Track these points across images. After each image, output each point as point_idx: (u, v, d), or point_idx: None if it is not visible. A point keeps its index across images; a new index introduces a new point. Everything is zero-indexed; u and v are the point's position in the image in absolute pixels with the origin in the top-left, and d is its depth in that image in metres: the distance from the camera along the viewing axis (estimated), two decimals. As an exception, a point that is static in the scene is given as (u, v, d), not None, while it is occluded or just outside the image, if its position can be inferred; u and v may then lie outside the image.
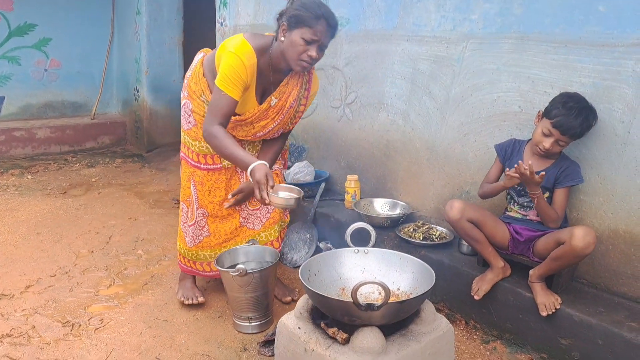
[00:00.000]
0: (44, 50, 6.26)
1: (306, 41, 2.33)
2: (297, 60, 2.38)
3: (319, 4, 2.34)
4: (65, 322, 2.71)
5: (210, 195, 2.75)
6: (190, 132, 2.71)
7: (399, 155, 3.50)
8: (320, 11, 2.32)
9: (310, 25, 2.30)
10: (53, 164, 5.73)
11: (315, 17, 2.30)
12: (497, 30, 2.85)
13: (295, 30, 2.33)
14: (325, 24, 2.34)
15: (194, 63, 2.73)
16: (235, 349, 2.55)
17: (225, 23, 4.82)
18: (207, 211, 2.79)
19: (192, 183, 2.77)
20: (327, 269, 2.16)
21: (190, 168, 2.76)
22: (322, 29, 2.33)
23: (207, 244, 2.84)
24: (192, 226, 2.82)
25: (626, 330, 2.18)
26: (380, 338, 1.75)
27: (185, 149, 2.78)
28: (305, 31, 2.31)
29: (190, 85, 2.67)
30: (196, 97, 2.63)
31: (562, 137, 2.36)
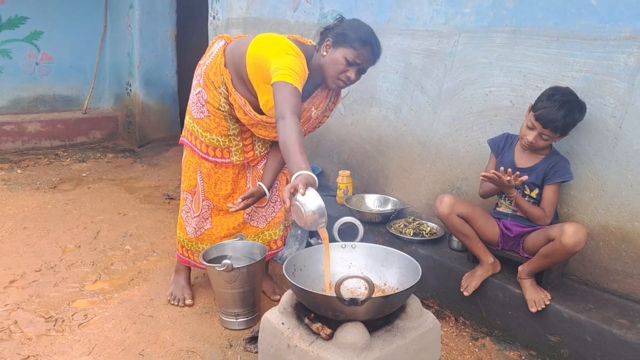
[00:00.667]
0: (35, 43, 6.18)
1: (348, 62, 2.30)
2: (335, 79, 2.35)
3: (368, 31, 2.34)
4: (49, 318, 2.67)
5: (217, 188, 2.71)
6: (202, 123, 2.59)
7: (391, 150, 3.47)
8: (369, 38, 2.31)
9: (356, 48, 2.28)
10: (43, 159, 5.67)
11: (362, 42, 2.29)
12: (489, 24, 2.82)
13: (340, 48, 2.30)
14: (370, 51, 2.33)
15: (215, 51, 2.56)
16: (221, 345, 2.51)
17: (218, 16, 4.77)
18: (213, 204, 2.74)
19: (199, 174, 2.70)
20: (314, 264, 2.11)
21: (197, 158, 2.68)
22: (366, 54, 2.32)
23: (208, 236, 2.80)
24: (196, 217, 2.77)
25: (615, 327, 2.16)
26: (364, 333, 1.71)
27: (192, 137, 2.66)
28: (350, 52, 2.29)
29: (208, 75, 2.52)
30: (213, 87, 2.51)
31: (544, 130, 2.32)
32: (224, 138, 2.59)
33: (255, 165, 2.75)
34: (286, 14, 4.09)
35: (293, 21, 4.03)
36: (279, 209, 2.81)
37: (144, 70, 6.10)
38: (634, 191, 2.33)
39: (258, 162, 2.75)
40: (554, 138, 2.36)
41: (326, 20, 3.74)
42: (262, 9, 4.31)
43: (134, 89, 6.18)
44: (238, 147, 2.64)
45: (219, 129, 2.57)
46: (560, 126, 2.30)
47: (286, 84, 2.14)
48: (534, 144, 2.38)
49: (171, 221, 4.00)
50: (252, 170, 2.75)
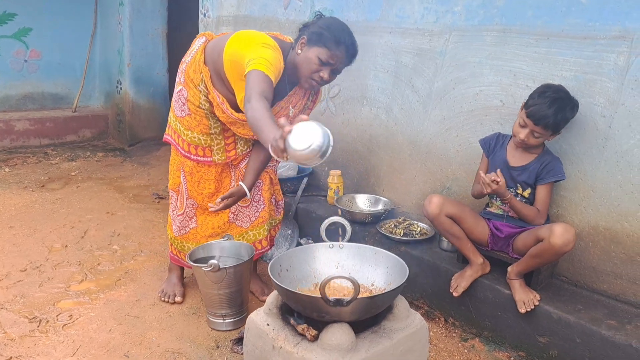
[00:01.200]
0: (23, 40, 6.12)
1: (321, 61, 2.26)
2: (308, 78, 2.32)
3: (344, 30, 2.30)
4: (33, 318, 2.64)
5: (200, 186, 2.68)
6: (184, 121, 2.57)
7: (382, 150, 3.44)
8: (344, 38, 2.27)
9: (330, 48, 2.25)
10: (32, 157, 5.61)
11: (336, 42, 2.25)
12: (480, 22, 2.80)
13: (314, 47, 2.26)
14: (345, 51, 2.29)
15: (195, 48, 2.55)
16: (208, 347, 2.48)
17: (209, 14, 4.74)
18: (197, 202, 2.72)
19: (182, 172, 2.69)
20: (300, 264, 2.09)
21: (180, 157, 2.67)
22: (340, 55, 2.28)
23: (193, 235, 2.77)
24: (180, 216, 2.75)
25: (604, 328, 2.14)
26: (349, 335, 1.69)
27: (175, 136, 2.65)
28: (323, 52, 2.25)
29: (188, 72, 2.51)
30: (193, 85, 2.49)
31: (535, 127, 2.30)
32: (206, 136, 2.56)
33: (237, 164, 2.72)
34: (277, 11, 4.06)
35: (284, 19, 4.00)
36: (262, 209, 2.79)
37: (135, 68, 6.05)
38: (623, 192, 2.32)
39: (241, 161, 2.72)
40: (545, 136, 2.34)
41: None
42: (253, 6, 4.28)
43: (124, 87, 6.14)
44: (220, 145, 2.61)
45: (200, 127, 2.55)
46: (552, 123, 2.27)
47: (258, 71, 2.10)
48: (526, 142, 2.36)
49: (160, 221, 3.97)
50: (236, 169, 2.73)
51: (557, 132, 2.35)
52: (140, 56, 6.05)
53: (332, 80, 2.38)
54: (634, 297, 2.34)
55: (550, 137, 2.37)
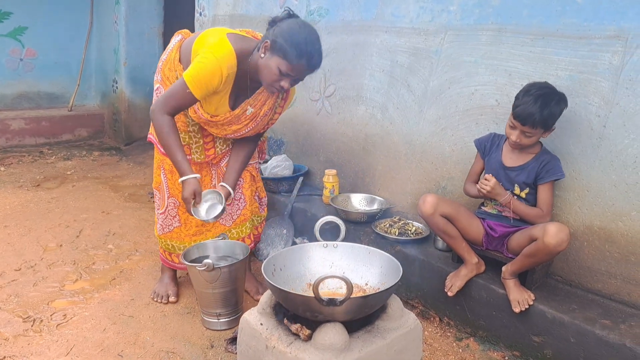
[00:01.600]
0: (19, 39, 6.10)
1: (281, 72, 2.23)
2: (269, 85, 2.30)
3: (306, 42, 2.21)
4: (27, 318, 2.62)
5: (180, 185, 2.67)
6: None
7: (377, 149, 3.44)
8: (305, 50, 2.20)
9: (290, 61, 2.19)
10: (27, 156, 5.60)
11: (297, 56, 2.19)
12: (475, 22, 2.80)
13: (275, 57, 2.21)
14: (306, 64, 2.23)
15: (170, 46, 2.58)
16: (202, 346, 2.48)
17: (205, 13, 4.73)
18: (178, 201, 2.72)
19: (162, 171, 2.70)
20: (294, 263, 2.09)
21: (160, 155, 2.69)
22: (300, 67, 2.23)
23: (177, 234, 2.78)
24: (163, 214, 2.77)
25: (598, 327, 2.14)
26: (343, 334, 1.68)
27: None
28: (284, 64, 2.21)
29: (164, 70, 2.54)
30: (169, 83, 2.50)
31: (524, 127, 2.29)
32: (184, 134, 2.59)
33: (218, 162, 2.74)
34: (273, 10, 4.05)
35: (279, 18, 3.99)
36: (244, 207, 2.79)
37: (131, 68, 6.04)
38: (617, 191, 2.32)
39: (221, 160, 2.73)
40: (537, 134, 2.32)
41: (312, 17, 3.71)
42: (249, 5, 4.27)
43: (120, 87, 6.13)
44: (198, 144, 2.63)
45: (178, 124, 2.54)
46: (539, 120, 2.25)
47: (183, 83, 2.25)
48: (519, 143, 2.35)
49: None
50: (217, 168, 2.74)
51: (548, 129, 2.33)
52: (136, 55, 6.04)
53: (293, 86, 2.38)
54: (628, 297, 2.34)
55: (544, 134, 2.35)
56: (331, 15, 3.61)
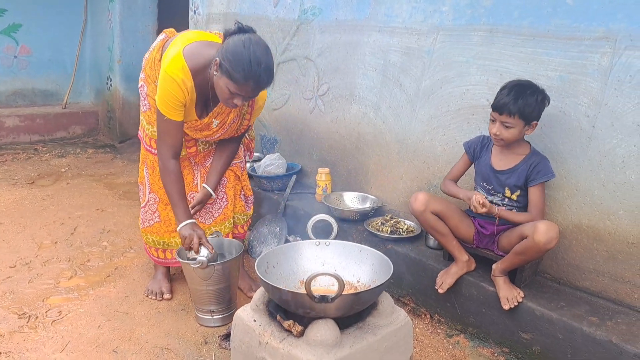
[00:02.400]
0: (13, 36, 6.10)
1: (230, 92, 2.24)
2: (224, 100, 2.33)
3: (251, 62, 2.17)
4: (22, 314, 2.64)
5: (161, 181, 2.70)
6: (145, 115, 2.65)
7: (370, 148, 3.47)
8: (250, 72, 2.17)
9: (237, 82, 2.19)
10: (22, 154, 5.60)
11: (243, 78, 2.18)
12: (467, 22, 2.83)
13: (224, 77, 2.21)
14: (253, 85, 2.22)
15: (154, 45, 2.61)
16: (196, 342, 2.50)
17: (199, 11, 4.74)
18: (158, 197, 2.76)
19: (145, 166, 2.75)
20: (287, 261, 2.12)
21: (144, 150, 2.75)
22: (248, 89, 2.23)
23: (156, 229, 2.81)
24: (143, 208, 2.81)
25: (586, 324, 2.18)
26: (334, 330, 1.71)
27: (141, 130, 2.74)
28: (231, 84, 2.21)
29: (146, 69, 2.59)
30: (151, 81, 2.55)
31: (501, 116, 2.33)
32: None
33: (202, 162, 2.77)
34: (266, 9, 4.07)
35: (273, 17, 4.02)
36: (225, 206, 2.82)
37: (125, 65, 6.05)
38: (605, 190, 2.36)
39: (205, 159, 2.77)
40: (516, 125, 2.32)
41: (306, 16, 3.73)
42: (243, 4, 4.29)
43: (114, 84, 6.13)
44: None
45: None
46: (514, 108, 2.28)
47: (160, 114, 2.38)
48: (500, 137, 2.36)
49: (150, 217, 3.98)
50: (200, 168, 2.78)
51: (527, 120, 2.32)
52: (130, 53, 6.04)
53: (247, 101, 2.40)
54: (615, 294, 2.38)
55: (527, 130, 2.36)
56: (324, 15, 3.64)
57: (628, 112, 2.27)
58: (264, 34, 3.90)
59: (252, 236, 3.50)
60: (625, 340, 2.08)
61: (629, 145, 2.28)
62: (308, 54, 3.80)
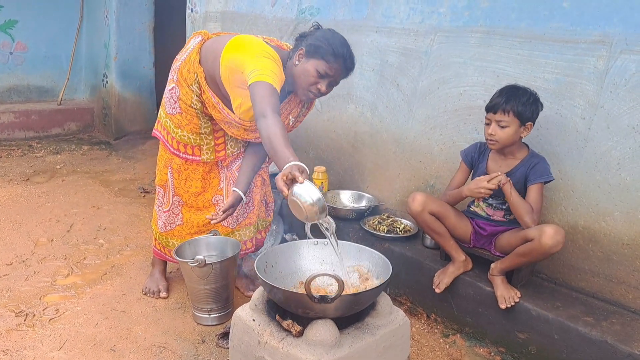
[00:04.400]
0: (9, 32, 6.06)
1: (320, 74, 2.28)
2: (305, 90, 2.34)
3: (342, 43, 2.31)
4: (19, 312, 2.64)
5: (187, 184, 2.69)
6: (174, 119, 2.58)
7: (367, 147, 3.48)
8: (342, 50, 2.28)
9: (328, 61, 2.26)
10: (17, 150, 5.58)
11: (334, 55, 2.26)
12: (464, 24, 2.84)
13: (312, 60, 2.28)
14: (342, 64, 2.31)
15: (190, 47, 2.55)
16: (194, 341, 2.51)
17: (196, 9, 4.74)
18: (183, 200, 2.73)
19: (169, 169, 2.70)
20: (285, 260, 2.13)
21: (168, 154, 2.68)
22: (338, 67, 2.30)
23: (178, 232, 2.78)
24: (166, 212, 2.76)
25: (581, 325, 2.20)
26: (333, 330, 1.73)
27: (165, 133, 2.66)
28: (322, 64, 2.27)
29: (182, 71, 2.51)
30: (186, 85, 2.49)
31: (495, 115, 2.35)
32: (195, 136, 2.58)
33: (228, 165, 2.73)
34: (264, 8, 4.07)
35: (271, 16, 4.02)
36: (251, 210, 2.81)
37: (121, 62, 6.03)
38: (601, 192, 2.38)
39: (231, 162, 2.73)
40: (512, 124, 2.33)
41: (304, 16, 3.74)
42: (241, 3, 4.29)
43: (110, 81, 6.11)
44: (209, 145, 2.63)
45: (190, 126, 2.56)
46: (506, 105, 2.31)
47: (265, 83, 2.14)
48: (495, 136, 2.36)
49: (146, 215, 3.98)
50: (226, 171, 2.74)
51: (522, 120, 2.33)
52: (126, 50, 6.02)
53: (329, 92, 2.39)
54: (610, 295, 2.41)
55: (522, 131, 2.36)
56: (322, 15, 3.64)
57: (623, 115, 2.30)
58: (261, 33, 3.90)
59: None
60: (620, 340, 2.11)
61: (624, 147, 2.31)
62: (305, 53, 3.80)
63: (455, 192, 2.57)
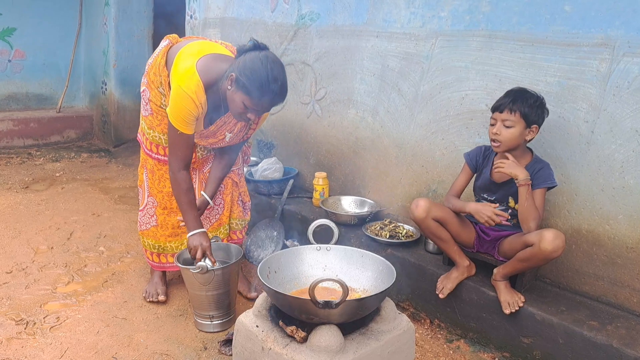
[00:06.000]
0: (7, 40, 6.06)
1: (246, 107, 2.27)
2: (237, 115, 2.35)
3: (268, 79, 2.20)
4: (20, 320, 2.62)
5: (160, 184, 2.73)
6: (147, 120, 2.65)
7: (368, 152, 3.47)
8: (267, 88, 2.21)
9: (252, 98, 2.22)
10: (15, 158, 5.56)
11: (260, 92, 2.21)
12: (466, 28, 2.84)
13: (239, 92, 2.23)
14: (269, 101, 2.27)
15: (158, 51, 2.59)
16: (196, 348, 2.49)
17: (195, 16, 4.74)
18: (157, 200, 2.76)
19: (144, 170, 2.77)
20: (288, 266, 2.12)
21: (144, 154, 2.76)
22: (264, 104, 2.27)
23: (152, 233, 2.82)
24: (141, 212, 2.82)
25: (586, 329, 2.19)
26: (338, 336, 1.71)
27: (141, 134, 2.74)
28: (248, 100, 2.23)
29: (149, 74, 2.56)
30: (154, 87, 2.53)
31: (500, 115, 2.34)
32: (166, 136, 2.60)
33: (201, 168, 2.78)
34: (264, 14, 4.07)
35: (271, 22, 4.02)
36: (222, 212, 2.82)
37: (120, 69, 6.02)
38: (604, 195, 2.37)
39: (203, 165, 2.78)
40: (517, 123, 2.31)
41: (304, 21, 3.74)
42: (240, 9, 4.29)
43: (109, 88, 6.11)
44: None
45: (161, 127, 2.61)
46: (513, 105, 2.30)
47: (172, 128, 2.37)
48: (500, 136, 2.35)
49: (146, 222, 3.96)
50: (199, 173, 2.78)
51: (528, 121, 2.32)
52: (125, 57, 6.02)
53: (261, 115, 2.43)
54: (615, 299, 2.39)
55: (528, 133, 2.35)
56: (322, 20, 3.64)
57: (626, 118, 2.29)
58: (261, 38, 3.88)
59: (250, 241, 3.49)
60: (626, 344, 2.09)
61: (628, 150, 2.30)
62: (305, 58, 3.80)
63: (460, 204, 2.54)
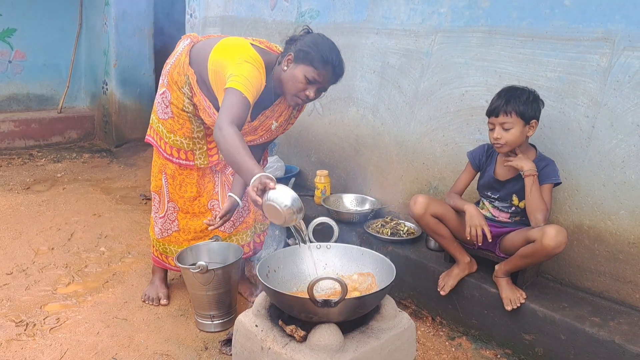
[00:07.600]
0: (8, 41, 6.05)
1: (308, 80, 2.24)
2: (293, 95, 2.30)
3: (331, 49, 2.26)
4: (19, 322, 2.62)
5: (181, 190, 2.67)
6: (166, 123, 2.57)
7: (369, 150, 3.46)
8: (331, 57, 2.24)
9: (316, 67, 2.22)
10: (17, 159, 5.57)
11: (323, 61, 2.22)
12: (465, 24, 2.83)
13: (301, 65, 2.23)
14: (331, 71, 2.27)
15: (179, 50, 2.54)
16: (196, 348, 2.48)
17: (195, 14, 4.73)
18: (178, 205, 2.70)
19: (163, 175, 2.68)
20: (288, 265, 2.10)
21: (162, 159, 2.66)
22: (327, 74, 2.26)
23: (175, 239, 2.75)
24: (162, 219, 2.74)
25: (588, 325, 2.18)
26: (337, 335, 1.70)
27: (158, 138, 2.64)
28: (310, 70, 2.22)
29: (172, 74, 2.49)
30: (177, 88, 2.47)
31: (498, 119, 2.31)
32: (188, 140, 2.56)
33: (223, 169, 2.72)
34: (263, 12, 4.06)
35: (270, 20, 4.01)
36: (247, 215, 2.78)
37: (121, 69, 6.02)
38: (606, 191, 2.35)
39: (225, 167, 2.71)
40: (516, 124, 2.29)
41: (303, 19, 3.72)
42: (240, 7, 4.28)
43: (110, 88, 6.10)
44: (202, 150, 2.61)
45: (182, 131, 2.54)
46: (507, 107, 2.28)
47: (235, 91, 2.12)
48: (501, 139, 2.33)
49: (148, 222, 3.95)
50: (221, 175, 2.72)
51: (526, 119, 2.29)
52: (126, 57, 6.01)
53: (318, 98, 2.36)
54: (617, 294, 2.38)
55: (528, 130, 2.32)
56: (322, 17, 3.63)
57: (627, 112, 2.27)
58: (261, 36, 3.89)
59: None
60: (628, 340, 2.08)
61: (629, 145, 2.28)
62: (305, 56, 3.78)
63: (460, 202, 2.52)
